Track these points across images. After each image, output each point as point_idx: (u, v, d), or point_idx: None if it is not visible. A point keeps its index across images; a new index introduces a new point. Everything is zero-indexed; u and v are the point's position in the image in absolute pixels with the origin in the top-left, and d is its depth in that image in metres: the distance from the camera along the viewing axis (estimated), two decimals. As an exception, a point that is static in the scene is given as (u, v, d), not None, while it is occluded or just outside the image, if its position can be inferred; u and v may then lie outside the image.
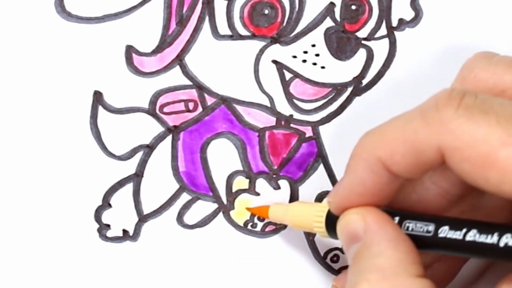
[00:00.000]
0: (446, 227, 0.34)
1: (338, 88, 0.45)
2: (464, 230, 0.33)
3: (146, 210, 0.44)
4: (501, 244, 0.32)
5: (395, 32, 0.45)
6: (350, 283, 0.34)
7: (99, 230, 0.43)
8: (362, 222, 0.35)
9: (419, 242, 0.35)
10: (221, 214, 0.44)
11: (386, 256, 0.34)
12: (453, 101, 0.33)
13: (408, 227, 0.35)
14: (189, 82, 0.44)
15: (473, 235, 0.33)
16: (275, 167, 0.45)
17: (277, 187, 0.45)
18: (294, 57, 0.44)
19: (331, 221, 0.38)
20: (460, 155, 0.32)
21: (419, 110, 0.34)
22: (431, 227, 0.34)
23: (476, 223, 0.33)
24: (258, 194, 0.45)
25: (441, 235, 0.34)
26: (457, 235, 0.34)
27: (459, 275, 0.42)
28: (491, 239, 0.32)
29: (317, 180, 0.45)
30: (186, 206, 0.44)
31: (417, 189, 0.38)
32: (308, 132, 0.45)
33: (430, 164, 0.34)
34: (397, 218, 0.36)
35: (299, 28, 0.44)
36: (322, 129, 0.45)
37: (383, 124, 0.35)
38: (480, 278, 0.43)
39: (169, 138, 0.44)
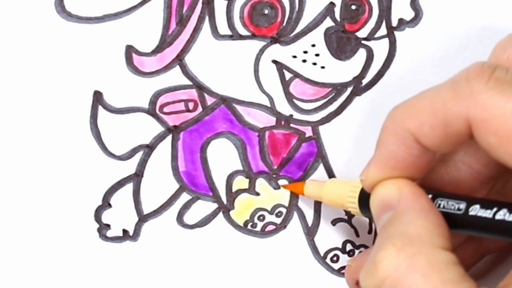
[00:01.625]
0: (477, 206, 0.34)
1: (338, 88, 0.45)
2: (495, 209, 0.34)
3: (146, 210, 0.44)
4: None
5: (395, 32, 0.45)
6: (376, 247, 0.34)
7: (99, 230, 0.43)
8: (397, 191, 0.35)
9: (450, 221, 0.35)
10: (221, 214, 0.44)
11: (416, 225, 0.34)
12: (484, 74, 0.33)
13: (440, 205, 0.35)
14: (189, 82, 0.44)
15: (503, 214, 0.33)
16: (275, 167, 0.45)
17: (277, 187, 0.45)
18: (294, 57, 0.44)
19: (364, 199, 0.38)
20: (487, 127, 0.32)
21: (450, 82, 0.34)
22: (462, 205, 0.35)
23: (507, 204, 0.34)
24: (258, 194, 0.45)
25: (471, 213, 0.34)
26: (487, 213, 0.34)
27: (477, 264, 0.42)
28: None
29: (317, 180, 0.45)
30: (186, 206, 0.44)
31: (449, 170, 0.38)
32: (308, 132, 0.45)
33: (459, 136, 0.34)
34: (430, 196, 0.36)
35: (299, 28, 0.44)
36: (322, 129, 0.45)
37: (413, 97, 0.35)
38: (495, 268, 0.43)
39: (169, 138, 0.44)
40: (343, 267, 0.45)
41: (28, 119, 0.42)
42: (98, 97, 0.43)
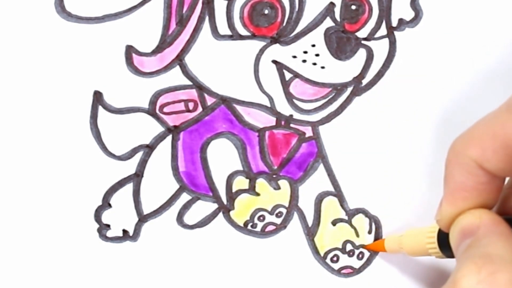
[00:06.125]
0: None
1: (338, 88, 0.45)
2: None
3: (146, 210, 0.44)
4: None
5: (395, 32, 0.45)
6: (456, 268, 0.34)
7: (99, 230, 0.43)
8: (477, 219, 0.35)
9: None
10: (221, 214, 0.44)
11: (496, 246, 0.34)
12: None
13: None
14: (189, 82, 0.44)
15: None
16: (275, 167, 0.45)
17: (277, 187, 0.45)
18: (294, 57, 0.44)
19: (443, 239, 0.39)
20: None
21: (505, 105, 0.34)
22: None
23: None
24: (258, 194, 0.45)
25: None
26: None
27: None
28: None
29: (317, 180, 0.45)
30: (186, 206, 0.44)
31: None
32: (308, 132, 0.45)
33: None
34: None
35: (299, 28, 0.44)
36: (322, 129, 0.45)
37: (471, 126, 0.35)
38: None
39: (169, 138, 0.44)
40: (343, 267, 0.45)
41: (28, 119, 0.42)
42: (98, 97, 0.43)
